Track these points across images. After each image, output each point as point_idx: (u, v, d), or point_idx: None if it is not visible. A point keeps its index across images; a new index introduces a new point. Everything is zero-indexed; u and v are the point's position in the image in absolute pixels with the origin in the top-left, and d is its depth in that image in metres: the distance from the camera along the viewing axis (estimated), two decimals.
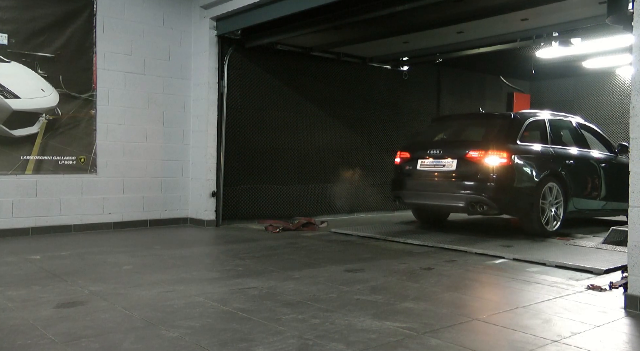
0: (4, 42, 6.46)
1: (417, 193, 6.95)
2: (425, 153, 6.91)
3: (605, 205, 7.42)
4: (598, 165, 7.30)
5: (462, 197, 6.39)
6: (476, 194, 6.28)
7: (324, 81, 9.10)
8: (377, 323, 3.20)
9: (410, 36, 7.93)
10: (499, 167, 6.22)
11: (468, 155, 6.46)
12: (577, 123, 7.60)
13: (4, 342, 2.83)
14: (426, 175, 6.83)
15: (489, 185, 6.23)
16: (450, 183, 6.55)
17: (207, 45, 7.74)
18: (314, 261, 5.12)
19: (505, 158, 6.24)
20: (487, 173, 6.25)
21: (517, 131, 6.60)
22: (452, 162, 6.58)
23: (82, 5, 7.01)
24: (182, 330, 3.02)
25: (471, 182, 6.36)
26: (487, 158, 6.28)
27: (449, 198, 6.55)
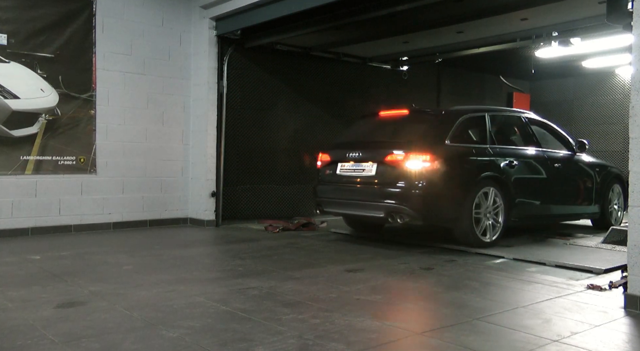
0: (4, 43, 6.45)
1: (337, 201, 6.18)
2: (345, 156, 6.13)
3: (562, 209, 6.80)
4: (552, 166, 6.57)
5: (381, 207, 5.63)
6: (396, 203, 5.53)
7: (323, 81, 9.10)
8: (377, 323, 3.20)
9: (410, 36, 7.93)
10: (422, 171, 5.45)
11: (388, 158, 5.66)
12: (527, 119, 6.84)
13: (4, 342, 2.83)
14: (346, 180, 6.07)
15: (409, 192, 5.47)
16: (369, 191, 5.78)
17: (207, 45, 7.74)
18: (314, 261, 5.12)
19: (429, 161, 5.46)
20: (408, 179, 5.49)
21: (447, 130, 5.79)
22: (371, 166, 5.83)
23: (81, 6, 7.01)
24: (183, 330, 3.02)
25: (391, 189, 5.59)
26: (407, 162, 5.51)
27: (368, 207, 5.79)
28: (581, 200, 7.01)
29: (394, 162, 5.62)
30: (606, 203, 7.28)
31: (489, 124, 6.23)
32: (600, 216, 7.26)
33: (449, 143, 5.72)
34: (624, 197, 7.45)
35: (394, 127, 6.36)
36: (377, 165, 5.77)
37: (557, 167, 6.62)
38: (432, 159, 5.48)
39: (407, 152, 5.55)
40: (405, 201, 5.50)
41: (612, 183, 7.36)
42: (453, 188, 5.62)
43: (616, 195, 7.47)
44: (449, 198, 5.60)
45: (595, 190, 7.10)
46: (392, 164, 5.63)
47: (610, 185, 7.34)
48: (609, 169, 7.42)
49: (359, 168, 5.95)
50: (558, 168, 6.63)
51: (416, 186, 5.47)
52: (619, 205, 7.54)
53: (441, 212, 5.65)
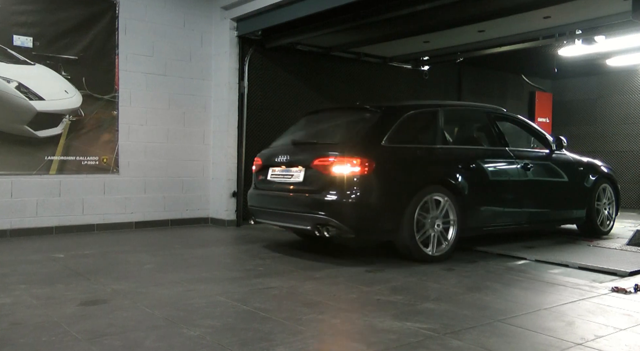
0: (29, 45, 6.57)
1: (267, 211, 5.51)
2: (275, 160, 5.53)
3: (536, 215, 6.06)
4: (522, 166, 5.87)
5: (307, 218, 4.97)
6: (322, 214, 4.84)
7: (344, 81, 9.09)
8: (398, 323, 3.19)
9: (431, 35, 7.88)
10: (352, 177, 4.76)
11: (315, 163, 5.00)
12: (494, 115, 6.09)
13: (29, 338, 2.88)
14: (276, 187, 5.43)
15: (337, 202, 4.78)
16: (296, 200, 5.13)
17: (228, 46, 7.78)
18: (334, 261, 5.11)
19: (359, 166, 4.77)
20: (336, 187, 4.80)
21: (385, 129, 5.08)
22: (299, 172, 5.18)
23: (104, 8, 7.10)
24: (203, 329, 3.04)
25: (317, 197, 4.91)
26: (335, 167, 4.82)
27: (295, 218, 5.15)
28: (561, 204, 6.33)
29: (321, 167, 4.94)
30: (593, 207, 6.58)
31: (441, 121, 5.48)
32: (587, 221, 6.57)
33: (387, 144, 5.00)
34: (617, 199, 6.90)
35: (331, 126, 5.67)
36: (305, 170, 5.11)
37: (530, 168, 5.93)
38: (364, 163, 4.78)
39: (335, 156, 4.86)
40: (333, 212, 4.80)
41: (600, 184, 6.68)
42: (391, 196, 4.90)
43: (606, 197, 6.79)
44: (386, 207, 4.89)
45: (578, 192, 6.46)
46: (320, 170, 4.94)
47: (598, 186, 6.66)
48: (597, 168, 6.74)
49: (288, 173, 5.32)
50: (530, 169, 5.93)
51: (345, 194, 4.75)
52: (610, 209, 6.86)
53: (376, 223, 4.91)
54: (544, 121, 11.87)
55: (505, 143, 5.93)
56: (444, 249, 5.19)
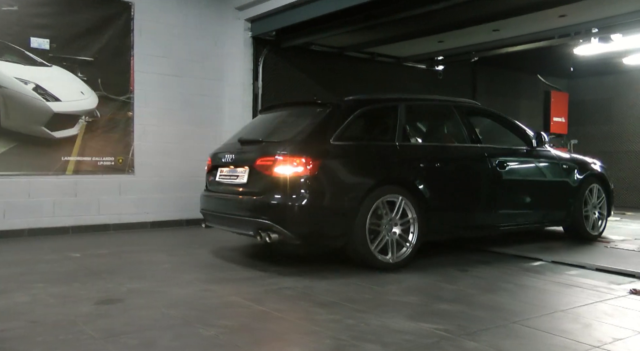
0: (46, 47, 6.64)
1: (215, 215, 5.17)
2: (223, 159, 5.20)
3: (511, 217, 5.63)
4: (496, 165, 5.44)
5: (249, 223, 4.63)
6: (264, 219, 4.49)
7: (358, 81, 9.08)
8: (412, 324, 3.18)
9: (445, 35, 7.85)
10: (295, 178, 4.38)
11: (258, 163, 4.66)
12: (464, 110, 5.64)
13: (47, 336, 2.91)
14: (224, 189, 5.11)
15: (279, 205, 4.42)
16: (240, 202, 4.79)
17: (242, 47, 7.80)
18: (348, 261, 5.10)
19: (302, 166, 4.39)
20: (278, 188, 4.44)
21: (336, 125, 4.69)
22: (244, 173, 4.84)
23: (120, 10, 7.16)
24: (218, 328, 3.06)
25: (259, 200, 4.57)
26: (278, 167, 4.45)
27: (238, 223, 4.81)
28: (541, 205, 5.88)
29: (263, 168, 4.60)
30: (579, 208, 6.10)
31: (402, 117, 5.06)
32: (572, 223, 6.13)
33: (337, 142, 4.62)
34: (608, 200, 6.44)
35: (282, 123, 5.26)
36: (250, 171, 4.78)
37: (505, 166, 5.51)
38: (308, 162, 4.40)
39: (277, 155, 4.49)
40: (275, 216, 4.44)
41: (589, 184, 6.21)
42: (339, 199, 4.50)
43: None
44: (334, 210, 4.48)
45: (562, 192, 6.03)
46: (262, 170, 4.61)
47: (587, 186, 6.19)
48: (584, 166, 6.28)
49: (234, 174, 4.98)
50: (506, 168, 5.51)
51: (288, 197, 4.39)
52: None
53: (323, 229, 4.53)
54: (560, 121, 11.76)
55: (477, 139, 5.49)
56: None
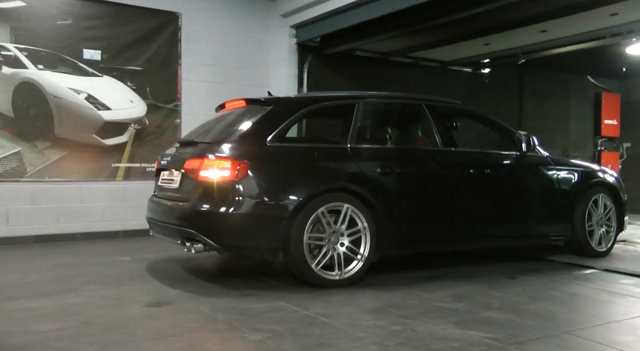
0: (97, 58, 6.88)
1: (153, 221, 4.70)
2: (164, 162, 4.80)
3: (491, 230, 5.03)
4: (473, 171, 4.88)
5: (177, 231, 4.25)
6: (188, 227, 4.12)
7: (402, 86, 9.00)
8: (460, 331, 3.12)
9: (491, 37, 7.73)
10: (223, 183, 3.99)
11: (186, 165, 4.30)
12: (439, 109, 5.06)
13: (98, 337, 3.00)
14: (163, 195, 4.73)
15: (203, 212, 4.04)
16: (171, 209, 4.39)
17: (287, 53, 7.88)
18: (393, 267, 5.05)
19: (230, 169, 3.98)
20: (204, 194, 4.06)
21: (275, 124, 4.26)
22: (177, 177, 4.48)
23: (167, 21, 7.34)
24: (264, 333, 3.07)
25: (186, 207, 4.18)
26: (205, 171, 4.05)
27: (171, 231, 4.38)
28: (532, 217, 5.25)
29: (191, 171, 4.23)
30: (581, 221, 5.39)
31: (359, 117, 4.60)
32: (573, 238, 5.43)
33: (275, 144, 4.20)
34: (619, 212, 5.68)
35: (224, 122, 4.72)
36: (181, 175, 4.41)
37: (484, 174, 4.96)
38: (237, 165, 3.99)
39: (204, 157, 4.11)
40: (199, 225, 4.07)
41: (593, 194, 5.49)
42: (272, 206, 4.05)
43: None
44: (265, 220, 4.04)
45: (559, 203, 5.35)
46: (190, 174, 4.24)
47: (590, 196, 5.47)
48: (589, 174, 5.59)
49: (170, 178, 4.62)
50: (485, 175, 4.97)
51: (213, 204, 4.00)
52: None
53: (253, 239, 4.08)
54: (611, 123, 11.37)
55: (451, 143, 4.95)
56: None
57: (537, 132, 10.36)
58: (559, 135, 10.92)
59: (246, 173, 4.02)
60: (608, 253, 5.63)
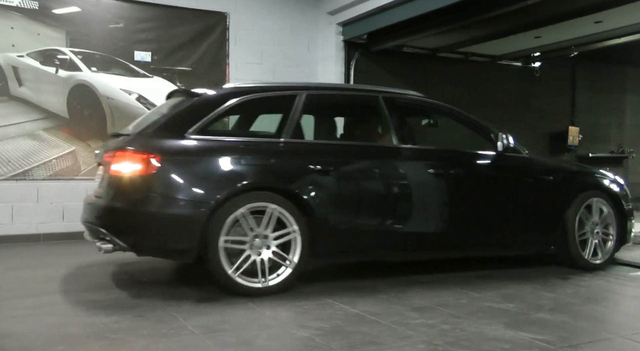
0: (148, 60, 7.06)
1: (84, 221, 4.27)
2: (97, 157, 4.49)
3: (453, 239, 4.54)
4: (434, 172, 4.38)
5: (94, 230, 3.98)
6: (98, 224, 3.90)
7: (450, 82, 8.89)
8: (510, 332, 3.07)
9: (543, 30, 7.51)
10: (135, 178, 3.72)
11: (104, 159, 4.10)
12: (396, 103, 4.59)
13: (151, 330, 3.08)
14: (93, 191, 4.41)
15: (113, 210, 3.82)
16: (91, 206, 4.12)
17: (334, 51, 7.89)
18: (442, 265, 5.00)
19: (141, 163, 3.69)
20: (116, 190, 3.82)
21: (198, 117, 3.96)
22: (102, 172, 4.21)
23: (216, 21, 7.47)
24: (312, 330, 3.10)
25: (99, 204, 3.96)
26: (116, 165, 3.80)
27: (89, 230, 4.12)
28: (508, 225, 4.70)
29: (106, 166, 3.98)
30: (570, 229, 4.76)
31: (298, 109, 4.21)
32: (563, 248, 4.81)
33: (196, 137, 3.89)
34: (621, 221, 5.02)
35: (156, 114, 4.36)
36: (103, 169, 4.14)
37: (447, 174, 4.48)
38: (151, 159, 3.70)
39: (117, 150, 3.86)
40: (107, 223, 3.84)
41: (585, 199, 4.86)
42: (184, 205, 3.73)
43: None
44: (176, 220, 3.72)
45: (542, 208, 4.78)
46: (106, 169, 4.00)
47: (582, 201, 4.84)
48: (582, 178, 5.06)
49: (98, 174, 4.36)
50: (450, 176, 4.50)
51: (122, 200, 3.77)
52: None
53: (163, 240, 3.79)
54: None
55: (409, 140, 4.49)
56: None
57: (591, 128, 10.10)
58: (614, 131, 10.56)
59: (157, 167, 3.71)
60: (606, 266, 4.93)
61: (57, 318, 3.32)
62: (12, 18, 6.43)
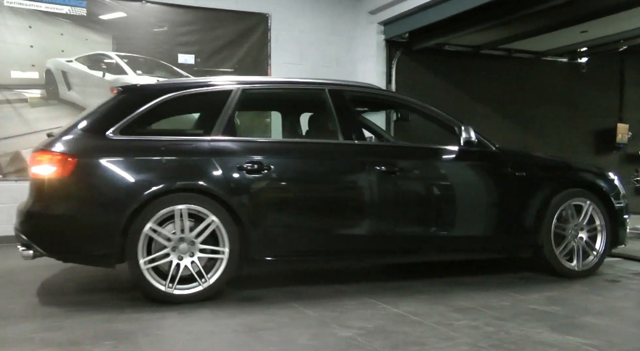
0: (191, 62, 7.20)
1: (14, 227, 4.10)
2: None
3: (408, 243, 4.19)
4: (382, 170, 4.03)
5: (17, 234, 3.79)
6: (19, 229, 3.73)
7: (493, 80, 8.75)
8: (557, 336, 3.01)
9: (590, 24, 7.30)
10: (52, 180, 3.56)
11: (28, 161, 3.96)
12: (343, 97, 4.23)
13: (195, 327, 3.13)
14: None
15: (29, 213, 3.65)
16: (18, 211, 3.88)
17: (375, 50, 7.87)
18: (485, 266, 4.93)
19: (56, 164, 3.53)
20: (33, 192, 3.70)
21: (121, 116, 3.76)
22: None
23: (257, 22, 7.55)
24: (355, 330, 3.11)
25: (21, 207, 3.80)
26: (35, 166, 3.65)
27: (16, 236, 3.86)
28: (472, 226, 4.32)
29: (30, 167, 3.81)
30: (546, 231, 4.36)
31: (232, 106, 3.96)
32: (539, 253, 4.42)
33: (118, 137, 3.70)
34: (611, 222, 4.56)
35: (84, 113, 4.17)
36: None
37: (402, 172, 4.11)
38: (63, 160, 3.54)
39: (37, 152, 3.71)
40: (25, 227, 3.69)
41: (566, 198, 4.42)
42: (100, 208, 3.61)
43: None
44: (95, 224, 3.58)
45: (513, 207, 4.38)
46: (29, 170, 3.84)
47: (562, 200, 4.41)
48: (560, 173, 4.62)
49: None
50: (403, 173, 4.13)
51: (38, 203, 3.64)
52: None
53: (81, 245, 3.64)
54: None
55: (357, 135, 4.16)
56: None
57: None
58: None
59: (73, 169, 3.55)
60: (590, 274, 4.52)
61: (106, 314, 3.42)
62: (62, 25, 6.66)
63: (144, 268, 3.55)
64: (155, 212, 3.57)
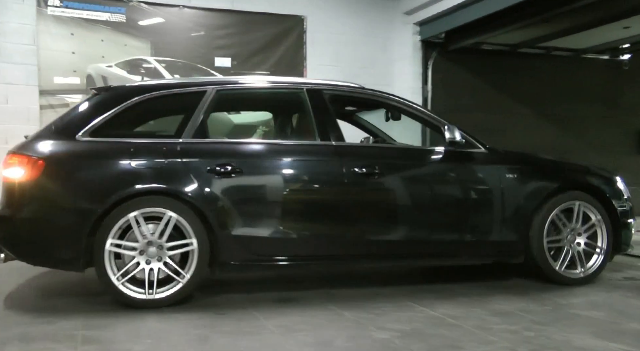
0: (228, 65, 7.29)
1: None
2: None
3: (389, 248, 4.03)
4: (360, 172, 3.89)
5: None
6: None
7: (531, 79, 8.60)
8: (599, 343, 2.92)
9: (633, 19, 7.09)
10: (17, 182, 3.54)
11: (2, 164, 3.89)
12: (322, 97, 4.10)
13: (231, 327, 3.19)
14: None
15: (0, 215, 3.63)
16: None
17: (411, 51, 7.83)
18: (524, 270, 4.83)
19: (27, 167, 3.52)
20: (4, 195, 3.67)
21: (91, 117, 3.73)
22: None
23: (293, 24, 7.59)
24: (392, 332, 3.09)
25: None
26: (5, 169, 3.64)
27: None
28: (456, 230, 4.13)
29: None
30: (537, 236, 4.15)
31: (205, 107, 3.89)
32: (530, 258, 4.20)
33: (87, 139, 3.66)
34: (612, 226, 4.32)
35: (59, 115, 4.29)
36: None
37: (381, 173, 3.95)
38: (30, 163, 3.52)
39: (8, 155, 3.69)
40: None
41: (561, 200, 4.22)
42: (70, 211, 3.56)
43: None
44: (62, 227, 3.55)
45: (500, 210, 4.14)
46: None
47: (556, 203, 4.20)
48: (555, 173, 4.39)
49: None
50: (382, 175, 3.96)
51: (9, 206, 3.59)
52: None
53: (48, 248, 3.60)
54: None
55: (335, 135, 4.02)
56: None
57: None
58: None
59: (41, 172, 3.53)
60: (589, 281, 4.28)
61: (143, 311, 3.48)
62: (102, 31, 6.82)
63: (118, 284, 3.52)
64: (112, 225, 3.52)
